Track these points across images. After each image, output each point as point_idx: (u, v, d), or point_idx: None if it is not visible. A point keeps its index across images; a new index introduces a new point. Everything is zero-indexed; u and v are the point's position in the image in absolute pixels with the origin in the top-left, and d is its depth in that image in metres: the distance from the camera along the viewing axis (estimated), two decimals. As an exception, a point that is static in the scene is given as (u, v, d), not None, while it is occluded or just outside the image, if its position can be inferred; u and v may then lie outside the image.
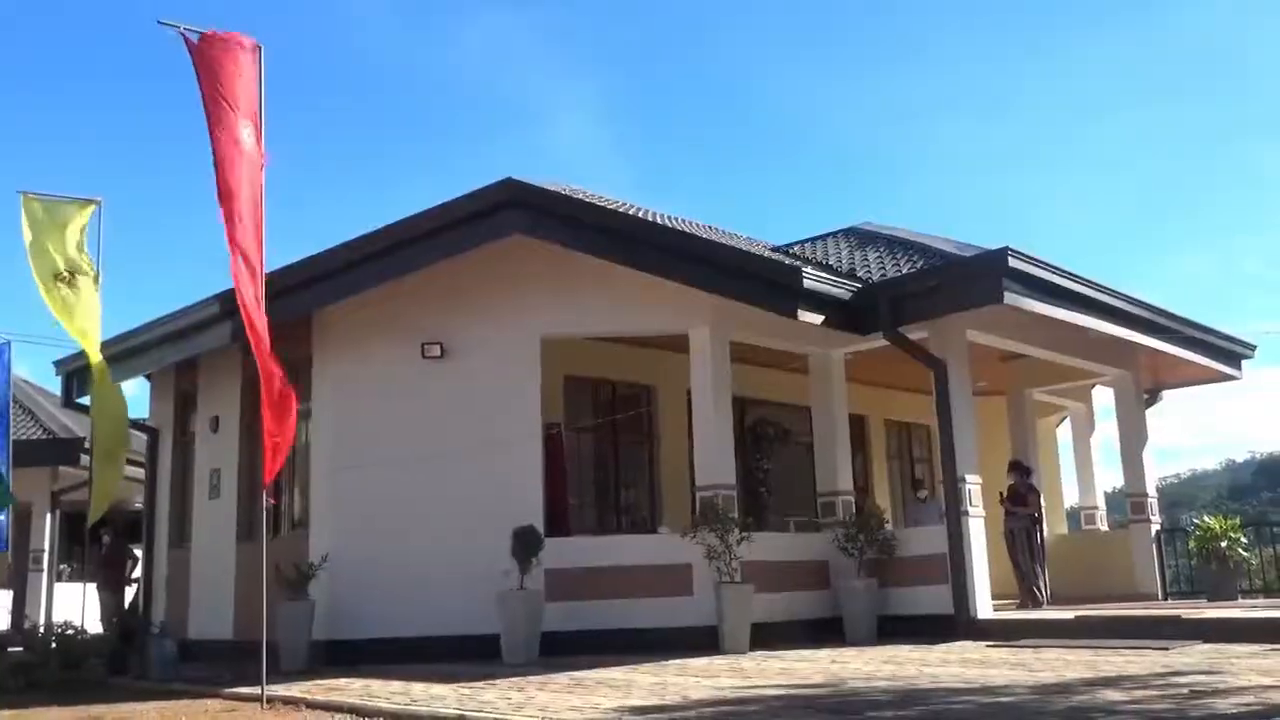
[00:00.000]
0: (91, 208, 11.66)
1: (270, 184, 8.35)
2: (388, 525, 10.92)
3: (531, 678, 8.33)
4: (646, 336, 12.79)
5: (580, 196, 11.55)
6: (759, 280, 10.82)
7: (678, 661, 9.20)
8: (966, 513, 11.18)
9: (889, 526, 12.72)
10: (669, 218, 13.13)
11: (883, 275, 11.82)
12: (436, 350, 11.14)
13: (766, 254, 12.37)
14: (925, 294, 11.14)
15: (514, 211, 10.76)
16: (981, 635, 10.52)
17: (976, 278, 10.88)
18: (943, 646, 9.91)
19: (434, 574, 10.70)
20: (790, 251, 14.09)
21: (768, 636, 10.42)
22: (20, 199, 11.31)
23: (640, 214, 12.03)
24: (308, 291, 10.70)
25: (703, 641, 10.24)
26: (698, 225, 13.43)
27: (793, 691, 7.04)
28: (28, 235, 11.23)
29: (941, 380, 11.49)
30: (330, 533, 11.01)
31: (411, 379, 11.21)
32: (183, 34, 8.30)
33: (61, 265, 11.27)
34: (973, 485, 11.34)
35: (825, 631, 11.36)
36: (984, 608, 11.04)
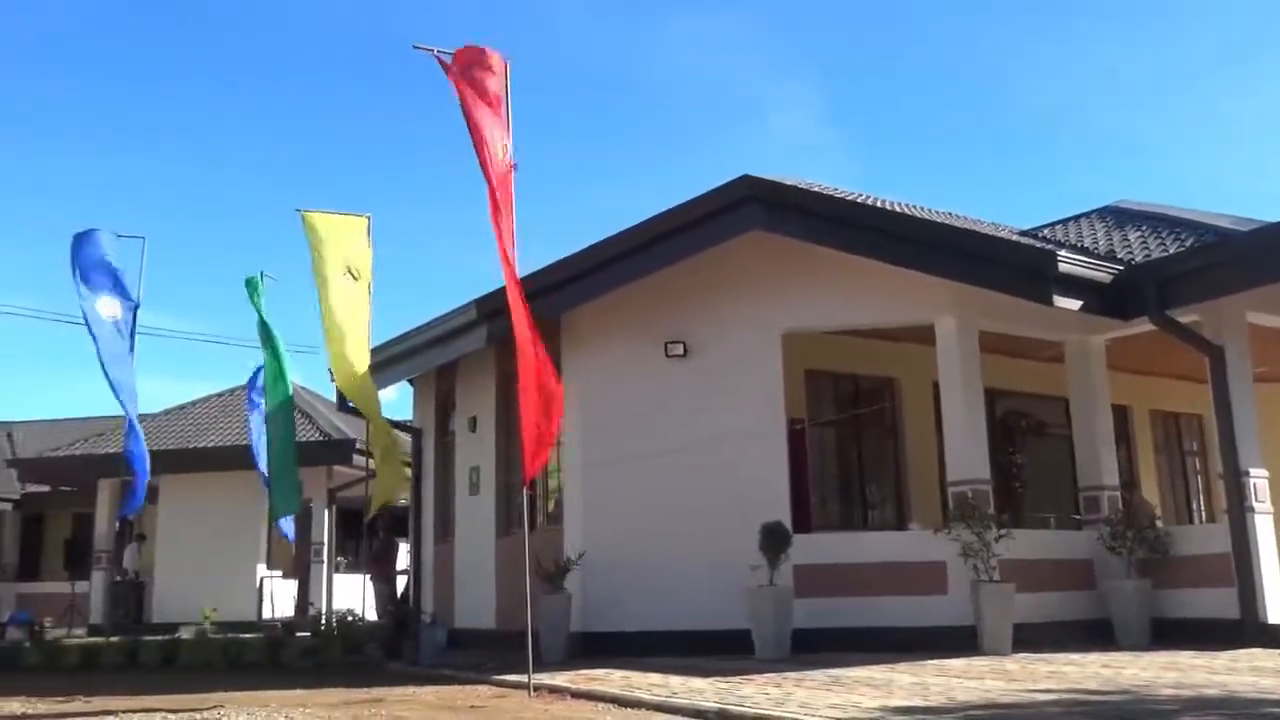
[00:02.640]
0: (362, 221, 12.58)
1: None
2: (637, 520, 11.16)
3: (787, 674, 8.30)
4: (889, 328, 12.49)
5: (817, 189, 11.43)
6: (1009, 266, 10.35)
7: (935, 661, 8.94)
8: (1252, 509, 10.29)
9: (1160, 523, 11.89)
10: (906, 206, 12.77)
11: (1146, 256, 11.05)
12: (679, 349, 11.30)
13: (1015, 239, 11.82)
14: (1197, 274, 10.31)
15: (753, 207, 10.77)
16: (1273, 642, 9.65)
17: (1260, 254, 9.96)
18: (1229, 653, 9.16)
19: (682, 569, 10.85)
20: (1040, 235, 13.41)
21: (1028, 638, 9.94)
22: (300, 216, 12.34)
23: (877, 204, 11.78)
24: (556, 294, 11.08)
25: (958, 642, 9.90)
26: (936, 212, 12.98)
27: (1068, 696, 6.69)
28: (311, 246, 12.23)
29: (1218, 367, 10.62)
30: (582, 528, 11.37)
31: (656, 377, 11.42)
32: (437, 57, 8.83)
33: (341, 272, 12.25)
34: (1258, 479, 10.43)
35: (1091, 634, 10.73)
36: (1276, 612, 10.12)
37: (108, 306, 13.40)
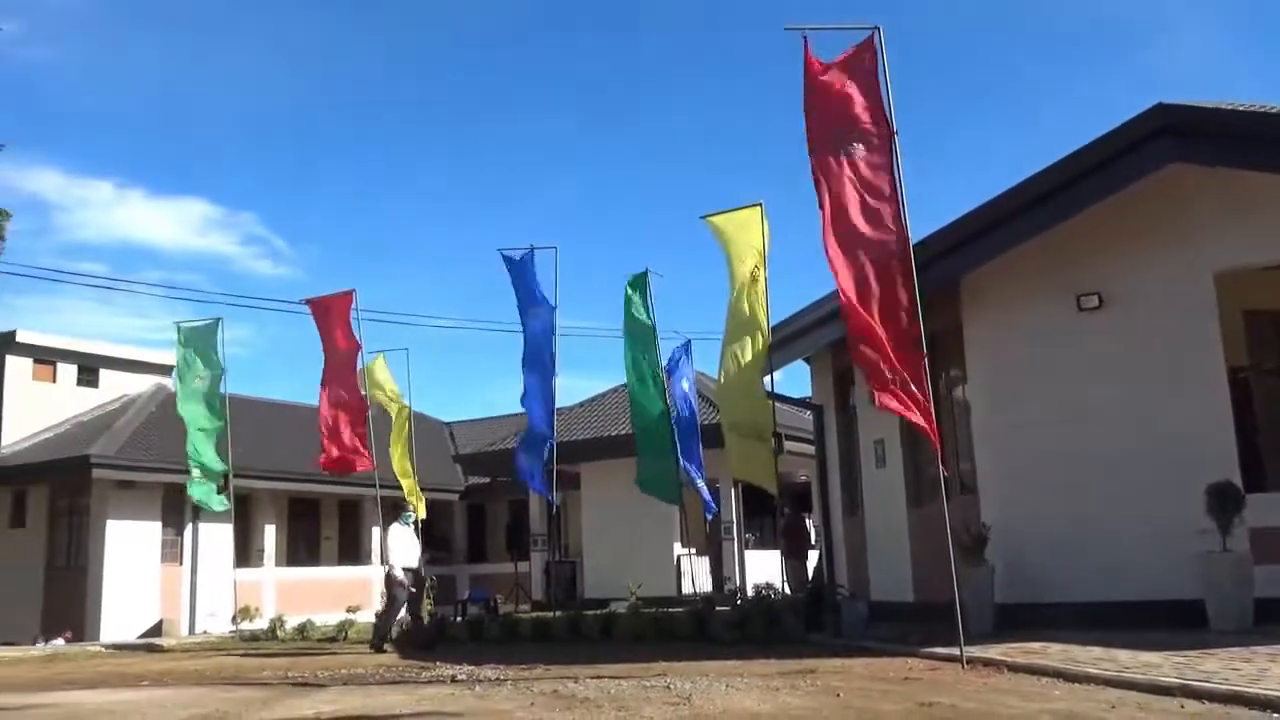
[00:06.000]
0: (757, 212, 12.93)
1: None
2: (1056, 486, 10.56)
3: (1255, 648, 7.50)
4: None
5: (1243, 109, 10.19)
6: None
7: None
8: None
9: None
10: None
11: None
12: (1094, 300, 10.53)
13: None
14: None
15: (1167, 140, 9.79)
16: None
17: None
18: None
19: (1111, 535, 10.14)
20: None
21: None
22: (704, 222, 12.95)
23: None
24: (953, 256, 10.66)
25: None
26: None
27: None
28: (723, 249, 12.82)
29: None
30: (998, 496, 10.93)
31: (1067, 333, 10.72)
32: (804, 36, 8.95)
33: (746, 270, 12.72)
34: None
35: None
36: None
37: (534, 313, 14.82)
